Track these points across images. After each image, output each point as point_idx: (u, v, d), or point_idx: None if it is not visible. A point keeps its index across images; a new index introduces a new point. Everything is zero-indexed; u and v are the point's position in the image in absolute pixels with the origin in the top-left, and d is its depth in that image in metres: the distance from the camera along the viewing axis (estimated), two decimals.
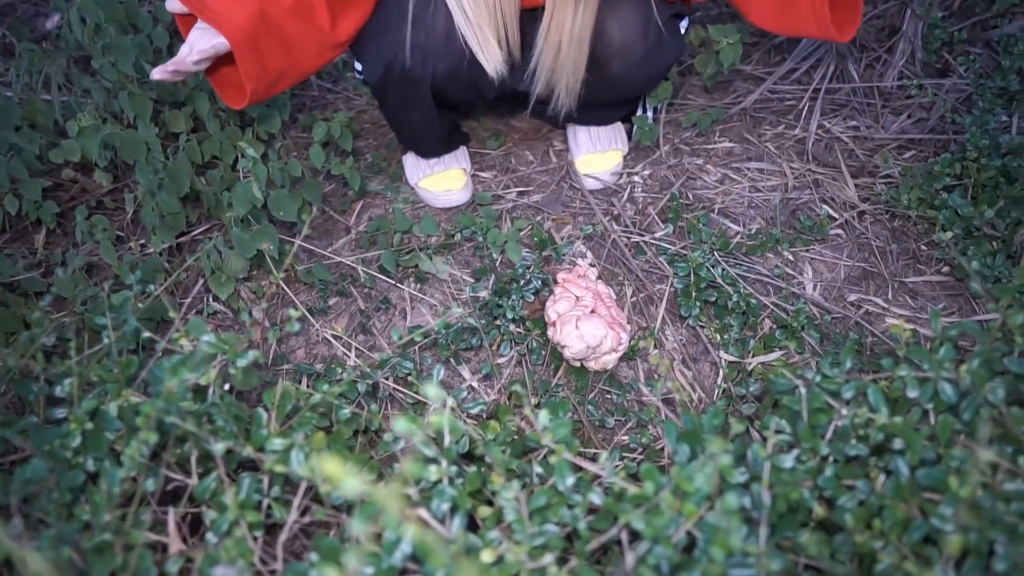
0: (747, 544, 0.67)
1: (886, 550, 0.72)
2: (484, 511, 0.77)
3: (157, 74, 1.07)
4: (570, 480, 0.74)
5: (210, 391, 0.85)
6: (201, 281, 1.38)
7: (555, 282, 1.23)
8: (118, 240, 1.46)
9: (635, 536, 0.72)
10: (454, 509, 0.74)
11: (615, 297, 1.26)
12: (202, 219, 1.49)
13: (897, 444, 0.78)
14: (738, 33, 1.49)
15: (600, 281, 1.25)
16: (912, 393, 0.80)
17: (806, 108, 1.70)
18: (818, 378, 0.85)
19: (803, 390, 0.83)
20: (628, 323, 1.24)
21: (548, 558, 0.69)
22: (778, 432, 0.82)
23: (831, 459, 0.80)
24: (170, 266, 1.39)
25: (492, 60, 1.20)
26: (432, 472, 0.74)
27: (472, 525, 0.84)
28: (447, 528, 0.72)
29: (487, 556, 0.68)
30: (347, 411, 0.91)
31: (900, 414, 0.81)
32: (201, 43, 1.07)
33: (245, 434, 0.84)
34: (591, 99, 1.34)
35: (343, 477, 0.44)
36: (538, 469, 0.83)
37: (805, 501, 0.75)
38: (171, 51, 1.59)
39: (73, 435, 0.78)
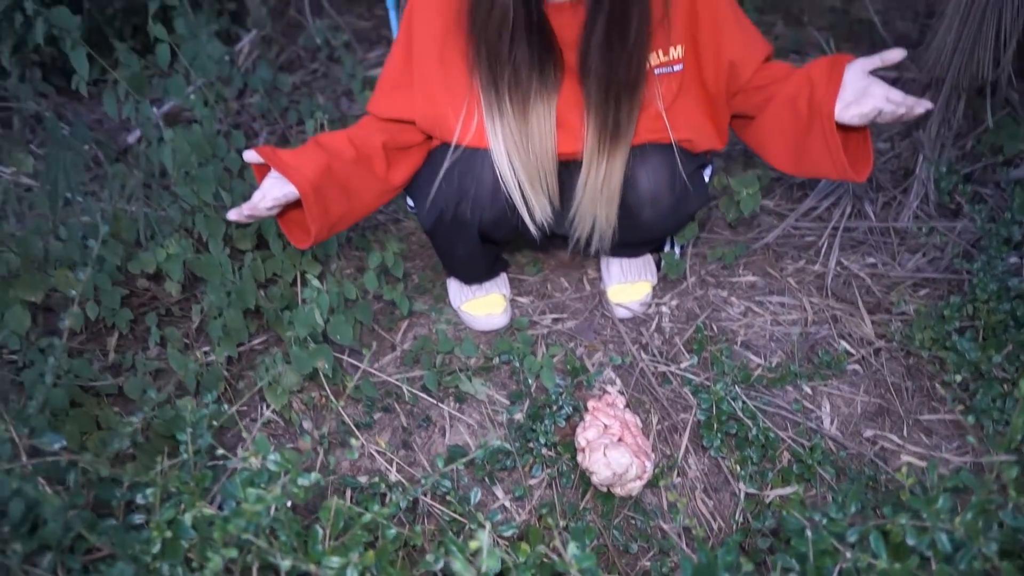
0: None
1: None
2: None
3: (233, 215, 1.23)
4: None
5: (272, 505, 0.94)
6: (260, 396, 1.49)
7: (586, 409, 1.33)
8: (184, 347, 1.60)
9: None
10: None
11: (641, 425, 1.35)
12: (260, 330, 1.63)
13: None
14: (757, 183, 1.62)
15: (627, 409, 1.34)
16: (911, 541, 0.87)
17: (825, 244, 1.80)
18: (824, 520, 0.92)
19: (810, 533, 0.90)
20: (653, 451, 1.32)
21: None
22: (786, 571, 0.89)
23: None
24: (229, 374, 1.52)
25: (539, 211, 1.33)
26: None
27: None
28: None
29: None
30: (393, 531, 1.00)
31: (902, 559, 0.88)
32: (274, 191, 1.22)
33: (303, 547, 0.93)
34: (623, 239, 1.47)
35: None
36: None
37: None
38: (242, 174, 1.77)
39: (154, 542, 0.88)
